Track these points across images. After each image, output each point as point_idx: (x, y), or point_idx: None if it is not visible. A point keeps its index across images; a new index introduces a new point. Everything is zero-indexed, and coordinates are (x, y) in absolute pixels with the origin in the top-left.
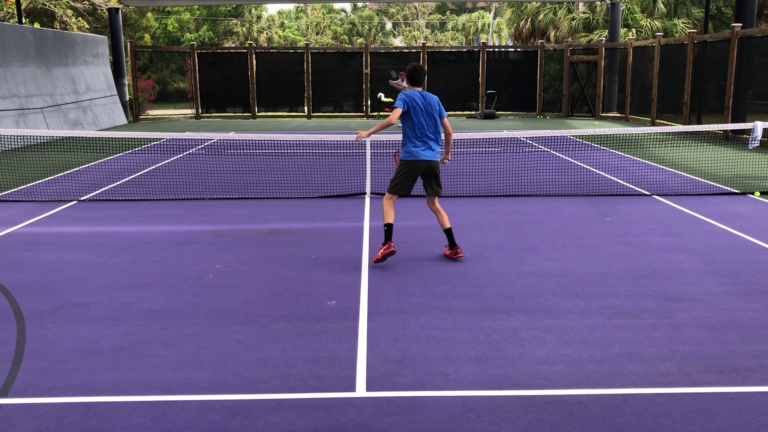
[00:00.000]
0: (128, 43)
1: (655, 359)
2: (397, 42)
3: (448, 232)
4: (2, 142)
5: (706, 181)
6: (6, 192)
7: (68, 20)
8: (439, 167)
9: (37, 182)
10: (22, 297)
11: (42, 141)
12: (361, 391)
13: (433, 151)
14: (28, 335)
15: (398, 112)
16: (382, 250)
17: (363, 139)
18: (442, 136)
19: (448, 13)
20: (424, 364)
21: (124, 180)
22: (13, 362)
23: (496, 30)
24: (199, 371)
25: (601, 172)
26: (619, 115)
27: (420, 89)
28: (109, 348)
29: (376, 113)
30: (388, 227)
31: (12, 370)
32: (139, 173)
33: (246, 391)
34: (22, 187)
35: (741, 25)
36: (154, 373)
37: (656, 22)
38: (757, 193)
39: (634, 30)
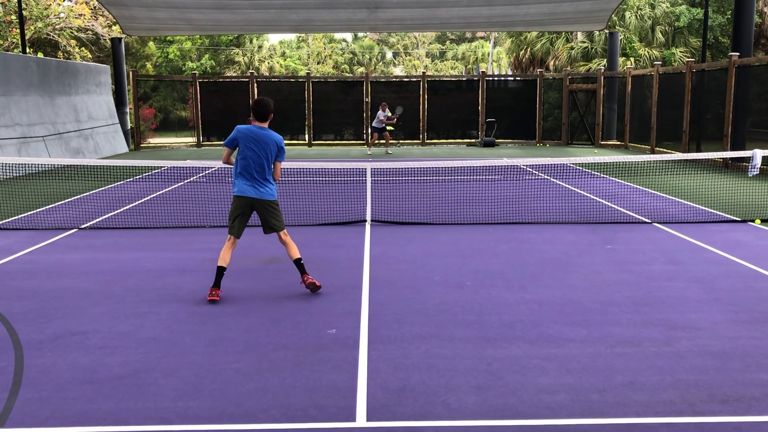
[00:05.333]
0: (130, 72)
1: (658, 388)
2: (398, 71)
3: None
4: (4, 171)
5: (706, 208)
6: (6, 220)
7: (72, 50)
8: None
9: (38, 210)
10: (21, 325)
11: (43, 169)
12: (361, 421)
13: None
14: (27, 364)
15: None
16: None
17: None
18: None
19: (447, 42)
20: (425, 393)
21: (125, 208)
22: (11, 391)
23: (495, 59)
24: (198, 400)
25: (601, 200)
26: (618, 143)
27: (258, 124)
28: (107, 377)
29: (380, 141)
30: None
31: (9, 399)
32: (140, 201)
33: (245, 420)
34: (22, 215)
35: (738, 54)
36: (153, 402)
37: (654, 51)
38: (758, 221)
39: (632, 59)
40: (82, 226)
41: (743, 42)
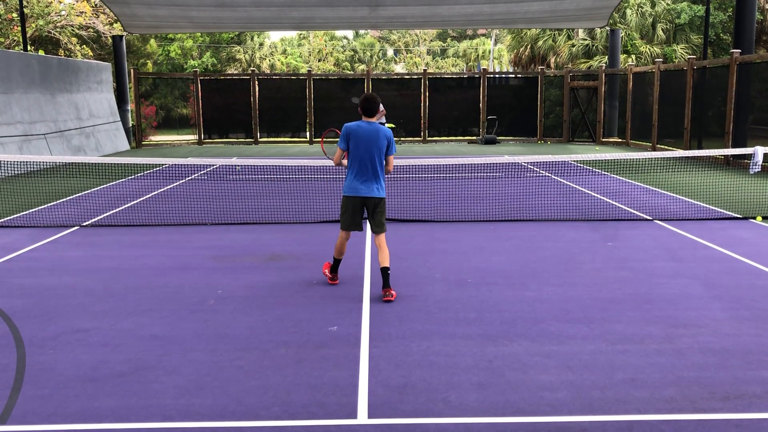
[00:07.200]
0: (131, 70)
1: (660, 385)
2: (399, 68)
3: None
4: (5, 168)
5: (707, 206)
6: (8, 218)
7: (73, 48)
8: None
9: (40, 208)
10: (23, 323)
11: (45, 167)
12: (362, 418)
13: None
14: (29, 361)
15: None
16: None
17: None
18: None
19: (449, 39)
20: (426, 390)
21: (127, 205)
22: (13, 389)
23: (496, 56)
24: (200, 398)
25: (602, 197)
26: (619, 140)
27: (366, 119)
28: (109, 374)
29: None
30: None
31: (11, 396)
32: (142, 199)
33: (247, 418)
34: (24, 212)
35: (740, 51)
36: (155, 399)
37: (655, 48)
38: (759, 218)
39: (633, 56)
40: (84, 224)
41: (745, 39)
